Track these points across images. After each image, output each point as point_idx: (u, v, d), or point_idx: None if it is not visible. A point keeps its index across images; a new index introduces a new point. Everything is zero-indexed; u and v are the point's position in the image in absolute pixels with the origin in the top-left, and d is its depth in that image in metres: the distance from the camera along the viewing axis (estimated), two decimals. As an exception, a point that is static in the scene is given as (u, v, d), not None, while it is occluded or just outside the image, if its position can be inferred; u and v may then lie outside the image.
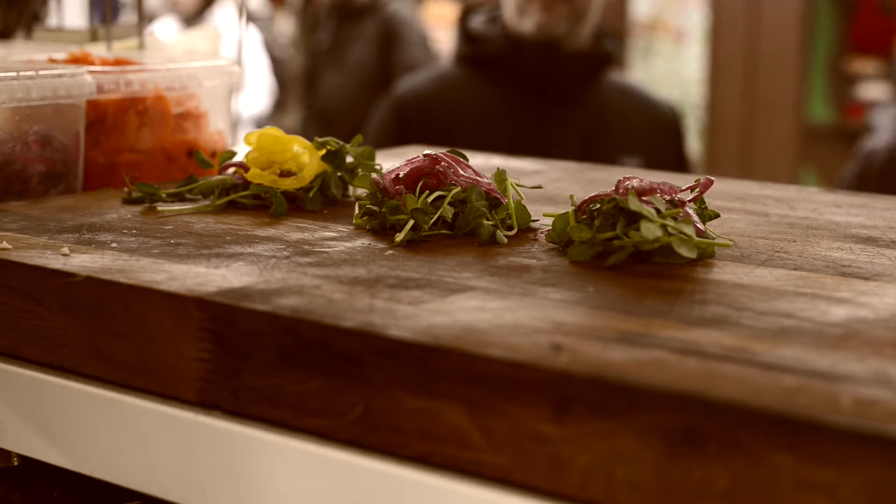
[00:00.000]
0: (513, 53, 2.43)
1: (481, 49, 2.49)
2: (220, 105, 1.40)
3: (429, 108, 2.49)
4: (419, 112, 2.49)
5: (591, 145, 2.44)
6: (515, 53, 2.43)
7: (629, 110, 2.52)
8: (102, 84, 1.25)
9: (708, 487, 0.61)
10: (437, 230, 0.99)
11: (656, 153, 2.48)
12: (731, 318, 0.75)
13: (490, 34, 2.47)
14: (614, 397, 0.64)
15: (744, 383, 0.63)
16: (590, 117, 2.46)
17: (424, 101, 2.51)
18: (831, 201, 1.22)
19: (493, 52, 2.46)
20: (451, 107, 2.49)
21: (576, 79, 2.45)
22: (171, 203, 1.13)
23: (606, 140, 2.47)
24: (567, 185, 1.30)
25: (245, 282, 0.83)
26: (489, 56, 2.47)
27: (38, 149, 1.20)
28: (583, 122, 2.46)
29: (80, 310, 0.86)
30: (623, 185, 0.93)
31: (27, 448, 0.91)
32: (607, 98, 2.49)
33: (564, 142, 2.42)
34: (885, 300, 0.81)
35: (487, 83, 2.49)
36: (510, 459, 0.67)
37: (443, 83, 2.54)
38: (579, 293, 0.82)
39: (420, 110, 2.50)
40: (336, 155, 1.15)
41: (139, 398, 0.84)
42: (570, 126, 2.44)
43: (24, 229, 1.01)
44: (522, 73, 2.43)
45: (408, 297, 0.80)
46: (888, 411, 0.59)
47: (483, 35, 2.49)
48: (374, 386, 0.72)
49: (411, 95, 2.54)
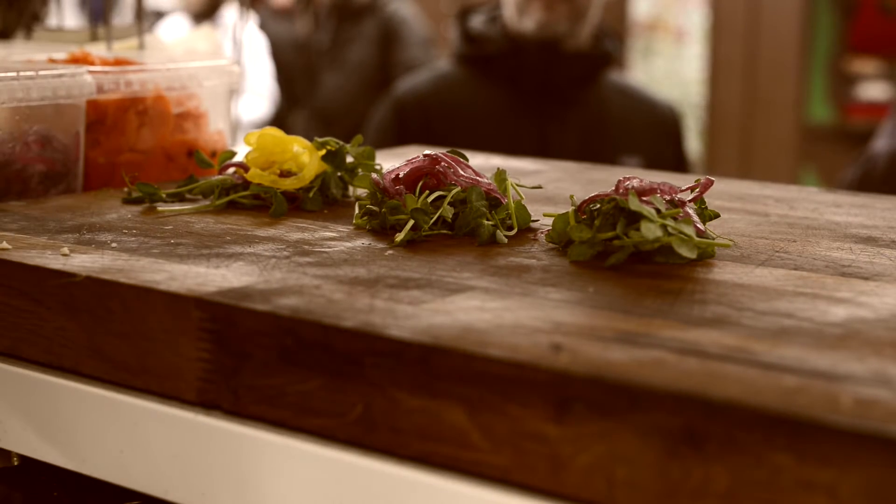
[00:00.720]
0: (513, 53, 2.43)
1: (481, 49, 2.49)
2: (220, 105, 1.40)
3: (429, 108, 2.49)
4: (419, 112, 2.49)
5: (591, 145, 2.44)
6: (515, 53, 2.43)
7: (629, 110, 2.52)
8: (102, 84, 1.25)
9: (708, 487, 0.61)
10: (437, 230, 0.99)
11: (656, 153, 2.48)
12: (731, 318, 0.75)
13: (490, 34, 2.47)
14: (614, 397, 0.64)
15: (744, 383, 0.63)
16: (589, 117, 2.46)
17: (424, 101, 2.51)
18: (831, 201, 1.22)
19: (493, 52, 2.46)
20: (450, 107, 2.49)
21: (576, 79, 2.45)
22: (171, 203, 1.13)
23: (606, 140, 2.47)
24: (567, 185, 1.30)
25: (245, 282, 0.83)
26: (489, 56, 2.47)
27: (38, 149, 1.20)
28: (582, 122, 2.46)
29: (80, 310, 0.86)
30: (623, 185, 0.93)
31: (27, 448, 0.91)
32: (607, 98, 2.49)
33: (564, 142, 2.42)
34: (885, 300, 0.81)
35: (487, 83, 2.49)
36: (510, 459, 0.67)
37: (443, 83, 2.54)
38: (579, 293, 0.82)
39: (420, 110, 2.50)
40: (336, 155, 1.15)
41: (139, 398, 0.84)
42: (570, 126, 2.44)
43: (24, 229, 1.01)
44: (522, 73, 2.43)
45: (408, 297, 0.80)
46: (888, 411, 0.59)
47: (483, 35, 2.49)
48: (374, 386, 0.72)
49: (411, 95, 2.54)
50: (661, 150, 2.51)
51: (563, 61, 2.41)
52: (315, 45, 5.09)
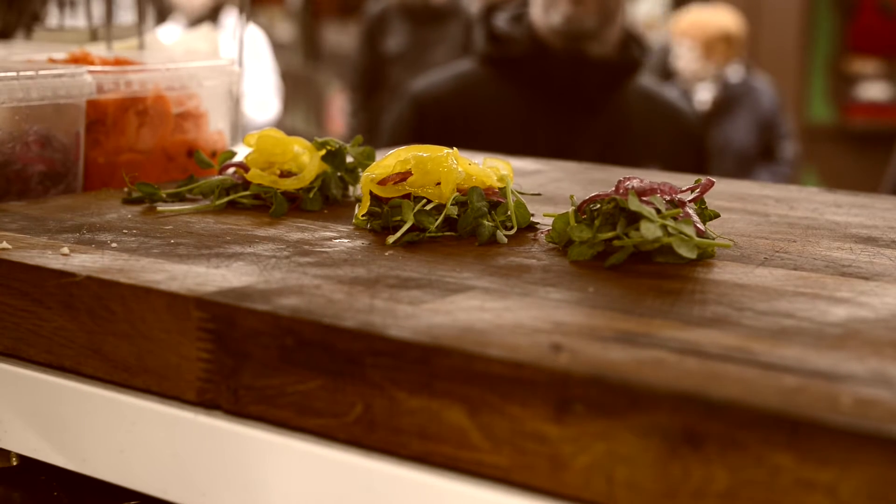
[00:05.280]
0: (538, 57, 2.36)
1: (505, 50, 2.41)
2: (220, 105, 1.40)
3: (448, 106, 2.43)
4: (438, 110, 2.42)
5: (613, 152, 2.37)
6: (541, 57, 2.36)
7: (652, 118, 2.45)
8: (102, 84, 1.25)
9: (708, 487, 0.61)
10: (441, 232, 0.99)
11: (677, 162, 2.40)
12: (731, 318, 0.75)
13: (515, 34, 2.40)
14: (614, 397, 0.64)
15: (744, 383, 0.63)
16: (612, 124, 2.40)
17: (444, 100, 2.44)
18: (831, 201, 1.22)
19: (518, 55, 2.39)
20: (470, 107, 2.43)
21: (601, 86, 2.38)
22: (171, 203, 1.13)
23: (628, 147, 2.40)
24: (567, 185, 1.30)
25: (245, 282, 0.83)
26: (513, 58, 2.40)
27: (38, 149, 1.20)
28: (604, 128, 2.39)
29: (80, 310, 0.86)
30: (623, 186, 0.94)
31: (27, 448, 0.91)
32: (631, 104, 2.43)
33: (585, 148, 2.35)
34: (885, 300, 0.81)
35: (509, 85, 2.42)
36: (510, 459, 0.67)
37: (463, 82, 2.47)
38: (579, 293, 0.82)
39: (439, 109, 2.43)
40: (336, 155, 1.15)
41: (139, 398, 0.84)
42: (592, 132, 2.38)
43: (24, 229, 1.01)
44: (547, 79, 2.36)
45: (408, 297, 0.80)
46: (888, 411, 0.59)
47: (508, 35, 2.41)
48: (374, 386, 0.72)
49: (431, 93, 2.47)
50: (682, 160, 2.44)
51: (589, 68, 2.35)
52: (384, 50, 4.99)
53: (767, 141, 4.38)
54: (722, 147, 4.28)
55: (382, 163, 1.03)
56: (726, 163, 4.22)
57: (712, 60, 4.37)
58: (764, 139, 4.37)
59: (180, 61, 1.35)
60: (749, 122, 4.35)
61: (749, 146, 4.34)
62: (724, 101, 4.35)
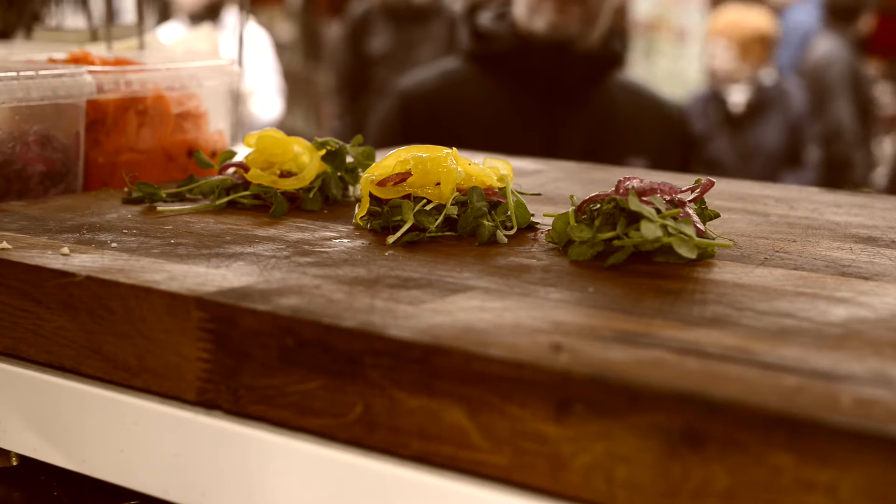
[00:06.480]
0: (521, 52, 2.40)
1: (489, 47, 2.45)
2: (220, 105, 1.40)
3: (435, 104, 2.47)
4: (425, 107, 2.46)
5: (597, 145, 2.42)
6: (524, 52, 2.40)
7: (636, 111, 2.49)
8: (102, 84, 1.25)
9: (708, 487, 0.61)
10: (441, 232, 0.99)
11: (663, 154, 2.46)
12: (731, 318, 0.75)
13: (499, 31, 2.44)
14: (614, 397, 0.64)
15: (744, 383, 0.63)
16: (596, 117, 2.44)
17: (431, 97, 2.48)
18: (831, 201, 1.22)
19: (502, 51, 2.43)
20: (457, 104, 2.47)
21: (584, 79, 2.42)
22: (171, 203, 1.13)
23: (612, 140, 2.45)
24: (567, 185, 1.30)
25: (245, 282, 0.83)
26: (497, 54, 2.44)
27: (38, 149, 1.20)
28: (589, 121, 2.44)
29: (80, 310, 0.86)
30: (623, 186, 0.93)
31: (27, 448, 0.91)
32: (615, 98, 2.47)
33: (570, 141, 2.40)
34: (885, 300, 0.81)
35: (494, 81, 2.46)
36: (510, 459, 0.67)
37: (449, 79, 2.51)
38: (579, 293, 0.82)
39: (426, 106, 2.47)
40: (336, 155, 1.15)
41: (139, 398, 0.84)
42: (577, 126, 2.42)
43: (24, 229, 1.01)
44: (530, 73, 2.40)
45: (408, 297, 0.80)
46: (888, 411, 0.59)
47: (492, 32, 2.45)
48: (374, 386, 0.72)
49: (418, 91, 2.51)
50: (668, 151, 2.49)
51: (571, 62, 2.39)
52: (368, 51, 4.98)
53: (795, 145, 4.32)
54: (752, 150, 4.22)
55: (382, 163, 1.03)
56: (754, 166, 4.16)
57: (748, 62, 4.30)
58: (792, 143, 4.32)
59: (180, 61, 1.35)
60: (779, 125, 4.27)
61: (778, 150, 4.27)
62: (757, 104, 4.26)
